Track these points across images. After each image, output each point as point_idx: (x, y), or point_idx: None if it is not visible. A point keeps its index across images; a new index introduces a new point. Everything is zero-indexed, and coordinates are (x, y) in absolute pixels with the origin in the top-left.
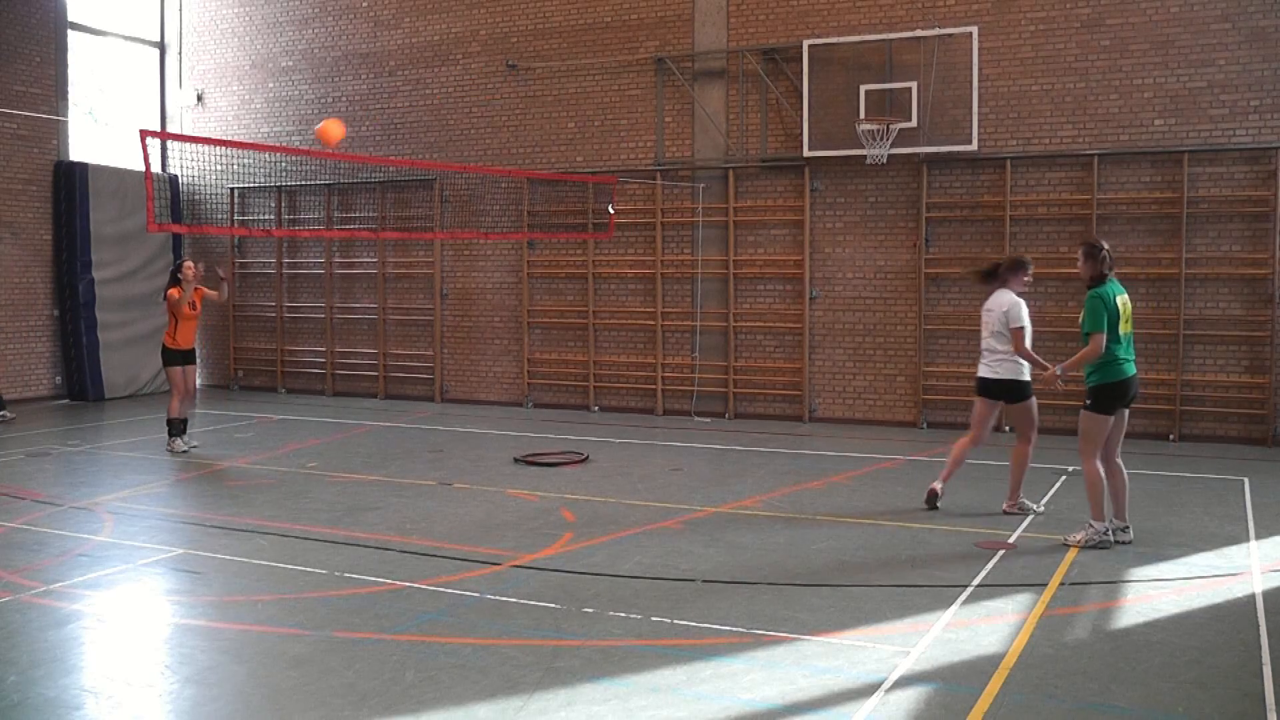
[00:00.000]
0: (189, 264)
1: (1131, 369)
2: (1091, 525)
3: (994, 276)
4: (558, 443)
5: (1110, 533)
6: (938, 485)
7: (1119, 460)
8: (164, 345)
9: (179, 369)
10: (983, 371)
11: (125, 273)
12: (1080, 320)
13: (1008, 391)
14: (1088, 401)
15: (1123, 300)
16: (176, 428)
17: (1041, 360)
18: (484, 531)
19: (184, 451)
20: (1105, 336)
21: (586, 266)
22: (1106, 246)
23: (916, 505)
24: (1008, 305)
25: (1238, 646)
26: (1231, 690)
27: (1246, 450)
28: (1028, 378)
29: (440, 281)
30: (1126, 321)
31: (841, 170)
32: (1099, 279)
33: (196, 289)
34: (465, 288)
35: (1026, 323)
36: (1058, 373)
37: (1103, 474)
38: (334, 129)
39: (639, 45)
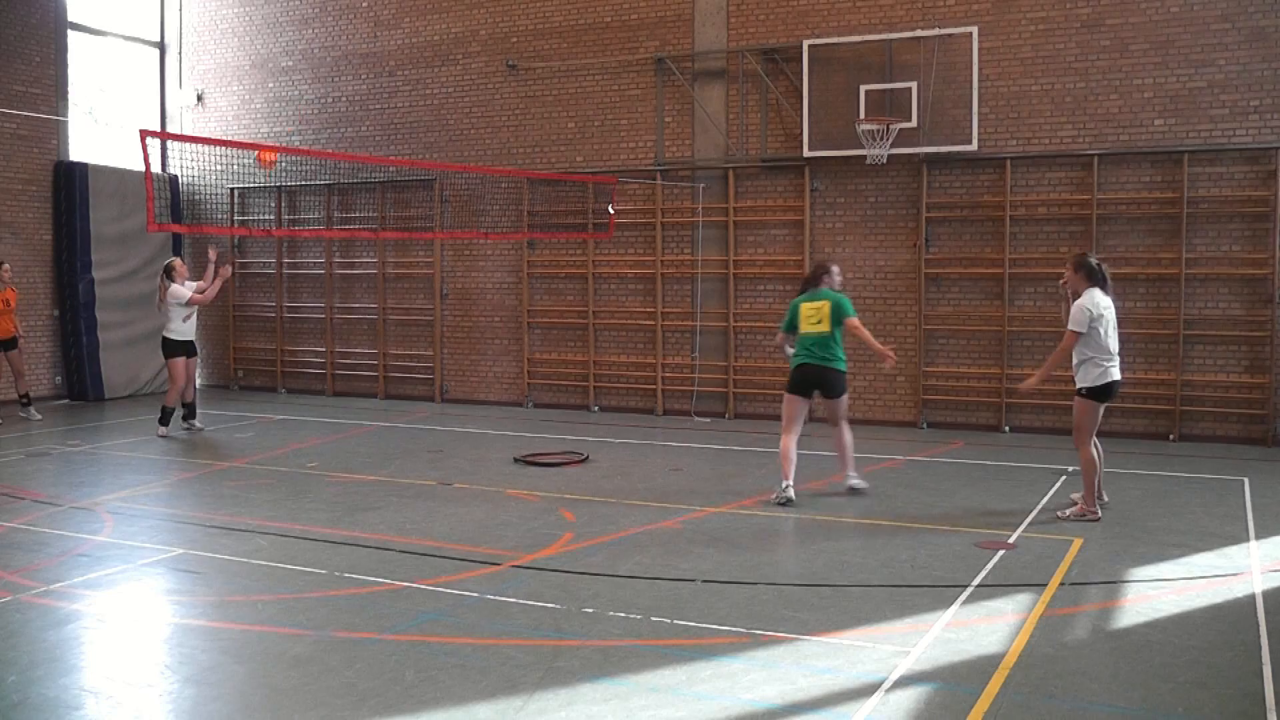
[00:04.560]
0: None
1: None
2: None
3: None
4: (558, 443)
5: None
6: None
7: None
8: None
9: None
10: None
11: (125, 273)
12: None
13: None
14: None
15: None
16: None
17: None
18: (484, 531)
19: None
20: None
21: (586, 266)
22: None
23: (917, 505)
24: None
25: (1238, 646)
26: (1231, 690)
27: (1246, 450)
28: None
29: (440, 281)
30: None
31: (841, 170)
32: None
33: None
34: (465, 288)
35: None
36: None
37: None
38: None
39: (639, 45)
